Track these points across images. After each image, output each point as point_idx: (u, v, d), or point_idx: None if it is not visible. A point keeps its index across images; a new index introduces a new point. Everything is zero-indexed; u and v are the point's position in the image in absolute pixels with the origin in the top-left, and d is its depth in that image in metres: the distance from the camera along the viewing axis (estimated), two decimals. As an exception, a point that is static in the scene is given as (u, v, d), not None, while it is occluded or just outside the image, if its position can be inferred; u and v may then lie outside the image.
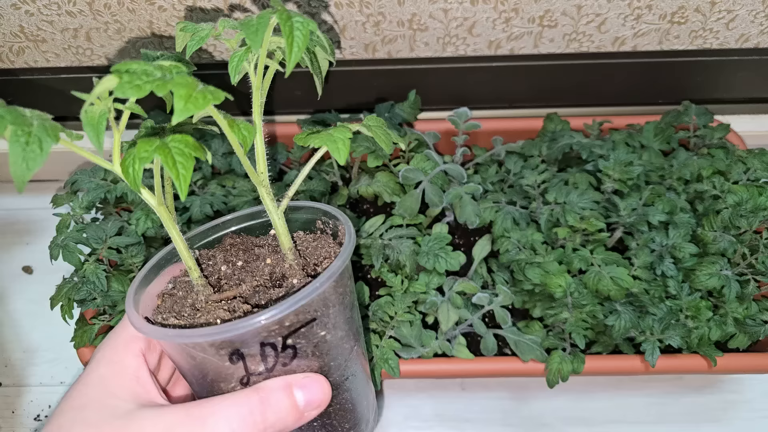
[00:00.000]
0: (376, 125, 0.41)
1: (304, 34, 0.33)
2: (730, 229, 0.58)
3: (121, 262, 0.58)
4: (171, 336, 0.35)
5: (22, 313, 0.73)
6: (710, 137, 0.68)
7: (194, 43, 0.38)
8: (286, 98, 0.76)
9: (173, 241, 0.39)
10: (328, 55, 0.42)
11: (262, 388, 0.36)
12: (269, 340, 0.36)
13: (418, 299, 0.59)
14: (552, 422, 0.63)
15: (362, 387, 0.44)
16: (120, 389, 0.36)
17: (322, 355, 0.38)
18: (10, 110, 0.29)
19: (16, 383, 0.68)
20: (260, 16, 0.34)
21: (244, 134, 0.35)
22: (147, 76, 0.30)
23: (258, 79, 0.37)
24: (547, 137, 0.69)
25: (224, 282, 0.42)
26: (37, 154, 0.28)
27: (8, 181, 0.85)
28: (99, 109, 0.32)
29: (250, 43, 0.33)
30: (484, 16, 0.65)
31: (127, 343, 0.39)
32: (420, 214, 0.63)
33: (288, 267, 0.41)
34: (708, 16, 0.66)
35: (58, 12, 0.64)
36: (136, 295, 0.40)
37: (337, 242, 0.43)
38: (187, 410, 0.34)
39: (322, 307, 0.37)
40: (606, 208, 0.62)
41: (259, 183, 0.39)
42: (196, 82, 0.31)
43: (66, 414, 0.35)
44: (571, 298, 0.55)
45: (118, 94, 0.29)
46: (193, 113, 0.29)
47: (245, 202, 0.64)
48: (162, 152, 0.32)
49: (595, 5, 0.64)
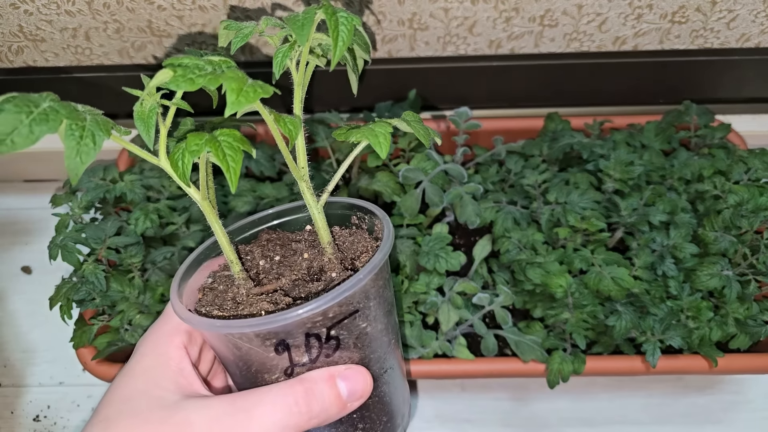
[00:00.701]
0: (414, 120, 0.41)
1: (349, 29, 0.34)
2: (731, 229, 0.57)
3: (120, 262, 0.58)
4: (219, 327, 0.35)
5: (21, 313, 0.73)
6: (711, 137, 0.68)
7: (239, 39, 0.38)
8: (286, 98, 0.75)
9: (216, 235, 0.40)
10: (365, 54, 0.42)
11: (306, 378, 0.36)
12: (314, 331, 0.36)
13: (418, 299, 0.59)
14: (552, 423, 0.63)
15: (399, 380, 0.45)
16: (165, 380, 0.37)
17: (363, 347, 0.39)
18: (65, 105, 0.30)
19: (16, 383, 0.68)
20: (306, 12, 0.35)
21: (290, 128, 0.36)
22: (199, 70, 0.31)
23: (300, 76, 0.38)
24: (548, 137, 0.69)
25: (263, 276, 0.42)
26: (90, 148, 0.29)
27: (8, 180, 0.85)
28: (149, 105, 0.33)
29: (296, 38, 0.34)
30: (485, 15, 0.65)
31: (169, 336, 0.39)
32: (420, 214, 0.63)
33: (327, 261, 0.41)
34: (709, 16, 0.66)
35: (57, 11, 0.63)
36: (179, 289, 0.40)
37: (372, 237, 0.44)
38: (232, 400, 0.35)
39: (363, 299, 0.38)
40: (607, 208, 0.62)
41: (299, 177, 0.39)
42: (245, 76, 0.31)
43: (113, 405, 0.36)
44: (571, 298, 0.54)
45: (172, 86, 0.30)
46: (244, 106, 0.30)
47: (245, 202, 0.64)
48: (212, 145, 0.33)
49: (595, 5, 0.64)
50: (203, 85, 0.30)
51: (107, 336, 0.56)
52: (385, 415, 0.43)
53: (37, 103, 0.29)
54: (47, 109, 0.29)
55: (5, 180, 0.85)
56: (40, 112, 0.28)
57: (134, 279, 0.58)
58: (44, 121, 0.28)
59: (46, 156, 0.79)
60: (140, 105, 0.33)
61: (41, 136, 0.28)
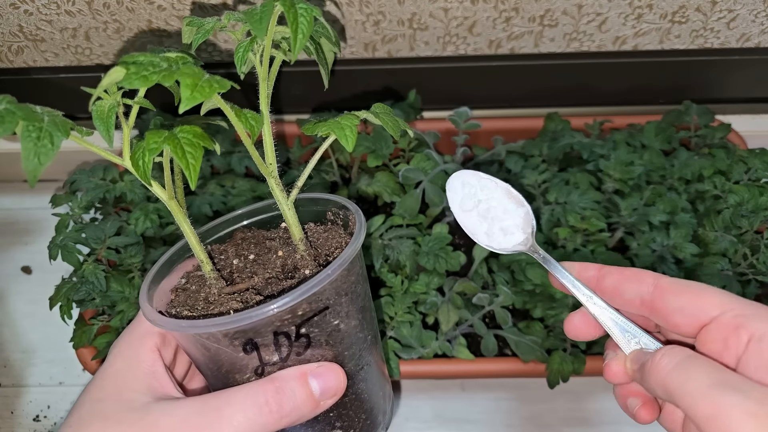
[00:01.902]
0: (383, 112, 0.41)
1: (308, 20, 0.34)
2: (731, 229, 0.57)
3: (120, 262, 0.58)
4: (184, 327, 0.35)
5: (20, 313, 0.73)
6: (711, 137, 0.68)
7: (200, 36, 0.38)
8: (285, 98, 0.75)
9: (185, 235, 0.39)
10: (333, 46, 0.42)
11: (277, 377, 0.36)
12: (283, 329, 0.36)
13: (418, 299, 0.59)
14: (552, 423, 0.63)
15: (378, 377, 0.44)
16: (136, 383, 0.37)
17: (336, 344, 0.38)
18: (21, 106, 0.29)
19: (15, 384, 0.68)
20: (264, 5, 0.34)
21: (252, 123, 0.35)
22: (153, 67, 0.30)
23: (264, 70, 0.37)
24: (548, 137, 0.69)
25: (236, 275, 0.42)
26: (48, 149, 0.29)
27: (7, 180, 0.85)
28: (108, 104, 0.33)
29: (254, 33, 0.34)
30: (485, 15, 0.65)
31: (142, 338, 0.39)
32: (420, 214, 0.63)
33: (299, 258, 0.41)
34: (709, 16, 0.66)
35: (57, 11, 0.63)
36: (149, 291, 0.40)
37: (348, 232, 0.43)
38: (202, 401, 0.35)
39: (334, 296, 0.37)
40: (607, 208, 0.62)
41: (268, 174, 0.39)
42: (202, 72, 0.31)
43: (85, 406, 0.36)
44: (572, 298, 0.54)
45: (125, 84, 0.30)
46: (199, 101, 0.29)
47: (244, 202, 0.64)
48: (171, 143, 0.32)
49: (595, 4, 0.64)
50: (158, 82, 0.30)
51: (107, 336, 0.56)
52: (364, 413, 0.43)
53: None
54: (2, 111, 0.28)
55: (5, 180, 0.85)
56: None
57: (134, 279, 0.58)
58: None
59: (46, 156, 0.79)
60: (99, 104, 0.32)
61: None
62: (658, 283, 0.35)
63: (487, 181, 0.42)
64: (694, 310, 0.33)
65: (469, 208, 0.42)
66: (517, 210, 0.41)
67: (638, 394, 0.37)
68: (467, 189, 0.42)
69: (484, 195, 0.42)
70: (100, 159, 0.79)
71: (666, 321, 0.35)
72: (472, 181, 0.42)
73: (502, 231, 0.41)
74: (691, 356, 0.31)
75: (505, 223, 0.41)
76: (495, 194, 0.42)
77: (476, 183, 0.42)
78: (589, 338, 0.39)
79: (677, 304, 0.34)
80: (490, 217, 0.41)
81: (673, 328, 0.35)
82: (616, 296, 0.37)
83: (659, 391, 0.31)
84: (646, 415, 0.36)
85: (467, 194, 0.42)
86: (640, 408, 0.36)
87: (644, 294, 0.36)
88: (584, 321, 0.38)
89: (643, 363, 0.33)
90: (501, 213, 0.41)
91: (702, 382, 0.29)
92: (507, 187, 0.42)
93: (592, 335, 0.39)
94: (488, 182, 0.42)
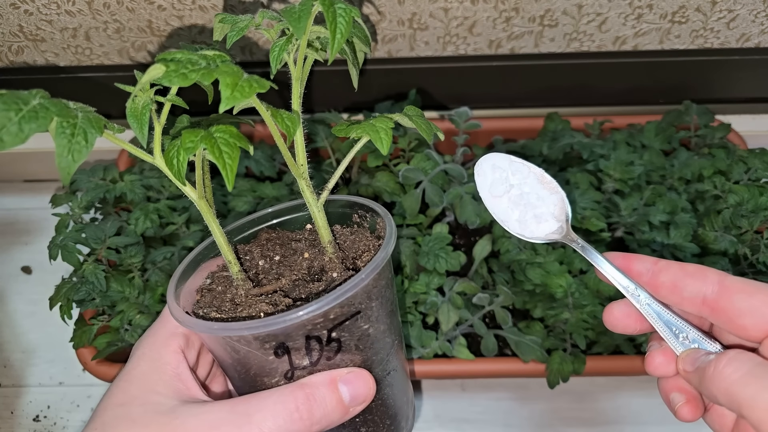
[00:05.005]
0: (416, 115, 0.40)
1: (347, 20, 0.33)
2: (731, 229, 0.57)
3: (120, 262, 0.58)
4: (216, 329, 0.35)
5: (21, 313, 0.73)
6: (711, 137, 0.68)
7: (234, 33, 0.37)
8: (286, 95, 0.75)
9: (213, 234, 0.38)
10: (365, 47, 0.41)
11: (307, 383, 0.35)
12: (314, 333, 0.35)
13: (418, 299, 0.59)
14: (553, 423, 0.63)
15: (402, 383, 0.44)
16: (161, 385, 0.36)
17: (365, 349, 0.38)
18: (55, 102, 0.29)
19: (15, 384, 0.68)
20: (302, 3, 0.33)
21: (288, 124, 0.34)
22: (192, 65, 0.30)
23: (298, 70, 0.37)
24: (548, 137, 0.69)
25: (262, 277, 0.41)
26: (82, 146, 0.28)
27: (7, 180, 0.85)
28: (142, 101, 0.32)
29: (293, 31, 0.33)
30: (485, 15, 0.65)
31: (166, 340, 0.38)
32: (420, 214, 0.63)
33: (327, 260, 0.40)
34: (709, 16, 0.66)
35: (57, 11, 0.63)
36: (176, 290, 0.39)
37: (374, 236, 0.43)
38: (231, 406, 0.34)
39: (365, 300, 0.37)
40: (607, 207, 0.62)
41: (299, 175, 0.38)
42: (241, 71, 0.30)
43: (109, 411, 0.35)
44: (572, 298, 0.54)
45: (164, 82, 0.29)
46: (239, 101, 0.29)
47: (245, 202, 0.64)
48: (208, 142, 0.32)
49: (595, 4, 0.64)
50: (197, 81, 0.29)
51: (107, 336, 0.56)
52: (389, 418, 0.42)
53: (27, 101, 0.28)
54: (37, 107, 0.28)
55: (5, 180, 0.85)
56: (30, 109, 0.27)
57: (134, 279, 0.58)
58: (34, 119, 0.27)
59: (46, 156, 0.79)
60: (132, 102, 0.32)
61: (31, 134, 0.27)
62: (723, 282, 0.33)
63: (520, 165, 0.40)
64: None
65: (500, 194, 0.39)
66: (550, 197, 0.39)
67: (683, 390, 0.35)
68: (497, 173, 0.40)
69: (516, 180, 0.39)
70: (100, 159, 0.80)
71: (730, 323, 0.32)
72: (503, 165, 0.40)
73: (536, 218, 0.39)
74: (761, 364, 0.29)
75: (539, 210, 0.39)
76: (528, 179, 0.39)
77: (507, 167, 0.40)
78: (629, 332, 0.37)
79: (747, 306, 0.31)
80: (523, 204, 0.39)
81: (738, 330, 0.32)
82: (675, 293, 0.34)
83: (722, 399, 0.29)
84: (688, 414, 0.34)
85: (497, 179, 0.40)
86: (683, 405, 0.34)
87: (708, 292, 0.33)
88: (625, 313, 0.36)
89: (702, 367, 0.31)
90: (534, 200, 0.39)
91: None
92: (541, 171, 0.40)
93: (633, 328, 0.36)
94: (521, 166, 0.40)
